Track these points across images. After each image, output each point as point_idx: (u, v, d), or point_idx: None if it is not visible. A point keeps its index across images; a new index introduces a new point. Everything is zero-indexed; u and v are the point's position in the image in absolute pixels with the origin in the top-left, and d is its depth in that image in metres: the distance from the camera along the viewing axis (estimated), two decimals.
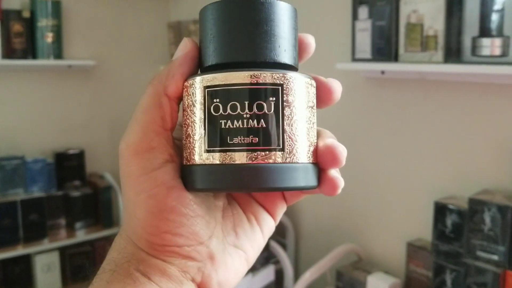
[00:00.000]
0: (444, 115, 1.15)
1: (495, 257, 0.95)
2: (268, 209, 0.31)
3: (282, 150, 0.25)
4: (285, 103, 0.25)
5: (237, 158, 0.24)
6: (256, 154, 0.24)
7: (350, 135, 1.38)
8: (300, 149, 0.25)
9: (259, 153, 0.24)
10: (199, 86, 0.26)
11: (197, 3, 0.38)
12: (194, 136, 0.26)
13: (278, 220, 0.31)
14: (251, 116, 0.24)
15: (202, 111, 0.25)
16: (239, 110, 0.25)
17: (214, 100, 0.25)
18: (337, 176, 0.27)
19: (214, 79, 0.25)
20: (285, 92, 0.25)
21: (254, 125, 0.24)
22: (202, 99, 0.25)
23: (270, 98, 0.25)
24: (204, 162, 0.25)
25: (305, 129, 0.26)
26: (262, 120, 0.24)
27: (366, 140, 1.35)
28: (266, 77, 0.25)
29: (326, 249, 1.33)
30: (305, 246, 1.61)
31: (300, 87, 0.26)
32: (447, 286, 1.05)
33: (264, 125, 0.25)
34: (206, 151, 0.25)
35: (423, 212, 1.18)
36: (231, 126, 0.25)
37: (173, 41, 2.05)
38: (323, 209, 1.52)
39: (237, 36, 0.26)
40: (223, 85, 0.25)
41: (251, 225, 0.30)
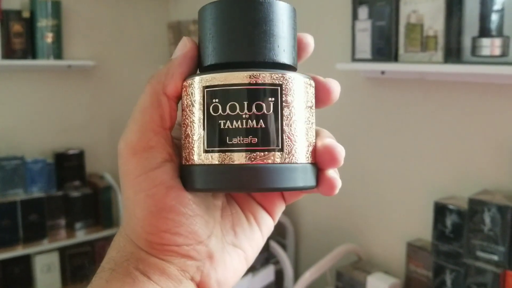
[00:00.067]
0: (444, 115, 1.15)
1: (495, 257, 0.95)
2: (267, 209, 0.31)
3: (281, 151, 0.25)
4: (284, 104, 0.25)
5: (236, 159, 0.24)
6: (255, 155, 0.24)
7: (350, 135, 1.38)
8: (299, 150, 0.25)
9: (258, 154, 0.24)
10: (198, 86, 0.26)
11: (197, 3, 0.38)
12: (193, 136, 0.26)
13: (277, 220, 0.31)
14: (250, 117, 0.24)
15: (201, 111, 0.25)
16: (238, 110, 0.24)
17: (213, 100, 0.25)
18: (335, 177, 0.27)
19: (213, 79, 0.25)
20: (284, 93, 0.25)
21: (253, 126, 0.24)
22: (201, 99, 0.25)
23: (269, 99, 0.25)
24: (203, 162, 0.25)
25: (304, 129, 0.26)
26: (261, 121, 0.24)
27: (366, 140, 1.35)
28: (265, 77, 0.25)
29: (326, 249, 1.33)
30: (305, 246, 1.61)
31: (299, 87, 0.26)
32: (447, 286, 1.05)
33: (263, 126, 0.24)
34: (205, 151, 0.25)
35: (423, 212, 1.18)
36: (230, 127, 0.24)
37: (173, 41, 2.05)
38: (323, 209, 1.52)
39: (236, 36, 0.26)
40: (222, 85, 0.25)
41: (250, 224, 0.30)
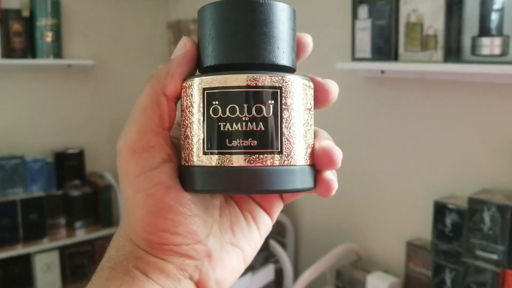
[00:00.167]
0: (444, 115, 1.15)
1: (495, 257, 0.95)
2: (265, 208, 0.31)
3: (280, 153, 0.25)
4: (284, 106, 0.25)
5: (235, 161, 0.24)
6: (255, 157, 0.24)
7: (350, 135, 1.38)
8: (298, 152, 0.25)
9: (258, 156, 0.24)
10: (198, 88, 0.25)
11: (197, 2, 0.38)
12: (193, 138, 0.26)
13: (275, 219, 0.32)
14: (250, 119, 0.24)
15: (201, 113, 0.25)
16: (238, 113, 0.24)
17: (213, 102, 0.25)
18: (332, 178, 0.27)
19: (213, 81, 0.25)
20: (284, 95, 0.25)
21: (253, 128, 0.24)
22: (201, 101, 0.25)
23: (269, 101, 0.25)
24: (203, 164, 0.25)
25: (303, 132, 0.26)
26: (261, 123, 0.24)
27: (366, 139, 1.35)
28: (265, 80, 0.25)
29: (326, 249, 1.33)
30: (305, 246, 1.61)
31: (298, 90, 0.26)
32: (447, 285, 1.05)
33: (263, 128, 0.24)
34: (205, 153, 0.25)
35: (423, 212, 1.18)
36: (230, 129, 0.24)
37: (173, 41, 2.05)
38: (323, 209, 1.52)
39: (236, 38, 0.26)
40: (222, 88, 0.25)
41: (248, 224, 0.30)
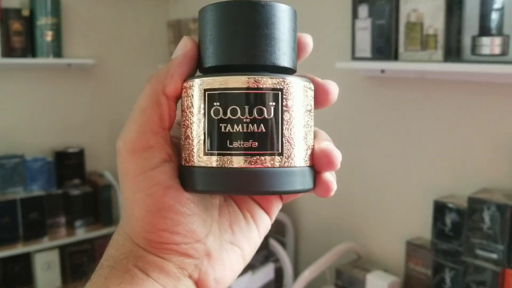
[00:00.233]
0: (444, 114, 1.15)
1: (494, 256, 0.95)
2: (264, 207, 0.31)
3: (281, 155, 0.25)
4: (285, 108, 0.25)
5: (236, 162, 0.24)
6: (255, 159, 0.24)
7: (349, 134, 1.38)
8: (298, 153, 0.26)
9: (258, 158, 0.24)
10: (199, 89, 0.25)
11: (197, 2, 0.38)
12: (193, 138, 0.26)
13: (274, 218, 0.32)
14: (251, 121, 0.24)
15: (202, 114, 0.25)
16: (239, 115, 0.24)
17: (214, 104, 0.25)
18: (331, 180, 0.27)
19: (214, 82, 0.25)
20: (285, 97, 0.25)
21: (254, 130, 0.24)
22: (202, 102, 0.25)
23: (270, 103, 0.25)
24: (203, 165, 0.25)
25: (303, 133, 0.26)
26: (262, 125, 0.24)
27: (366, 139, 1.35)
28: (267, 82, 0.25)
29: (326, 248, 1.33)
30: (305, 245, 1.61)
31: (299, 92, 0.26)
32: (446, 285, 1.05)
33: (264, 130, 0.24)
34: (205, 154, 0.25)
35: (423, 211, 1.18)
36: (231, 130, 0.25)
37: (173, 40, 2.05)
38: (323, 208, 1.52)
39: (237, 39, 0.26)
40: (223, 89, 0.25)
41: (247, 223, 0.30)
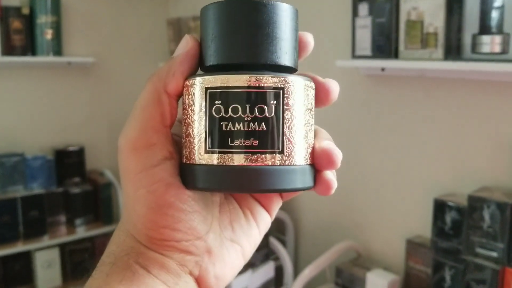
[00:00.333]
0: (444, 112, 1.15)
1: (494, 254, 0.95)
2: (264, 205, 0.31)
3: (282, 153, 0.25)
4: (286, 107, 0.25)
5: (237, 160, 0.25)
6: (256, 157, 0.25)
7: (350, 132, 1.38)
8: (299, 152, 0.26)
9: (259, 156, 0.25)
10: (201, 87, 0.26)
11: (197, 0, 0.38)
12: (194, 136, 0.26)
13: (274, 216, 0.32)
14: (252, 119, 0.25)
15: (203, 112, 0.25)
16: (241, 113, 0.25)
17: (215, 102, 0.25)
18: (332, 178, 0.27)
19: (216, 81, 0.25)
20: (286, 96, 0.25)
21: (255, 128, 0.25)
22: (203, 100, 0.26)
23: (271, 102, 0.25)
24: (204, 162, 0.25)
25: (304, 132, 0.26)
26: (263, 123, 0.25)
27: (366, 137, 1.35)
28: (268, 81, 0.25)
29: (326, 246, 1.33)
30: (305, 243, 1.61)
31: (300, 90, 0.26)
32: (446, 283, 1.05)
33: (265, 128, 0.25)
34: (206, 152, 0.25)
35: (423, 209, 1.18)
36: (232, 129, 0.25)
37: (173, 38, 2.05)
38: (323, 206, 1.53)
39: (239, 38, 0.26)
40: (225, 87, 0.25)
41: (247, 220, 0.30)
